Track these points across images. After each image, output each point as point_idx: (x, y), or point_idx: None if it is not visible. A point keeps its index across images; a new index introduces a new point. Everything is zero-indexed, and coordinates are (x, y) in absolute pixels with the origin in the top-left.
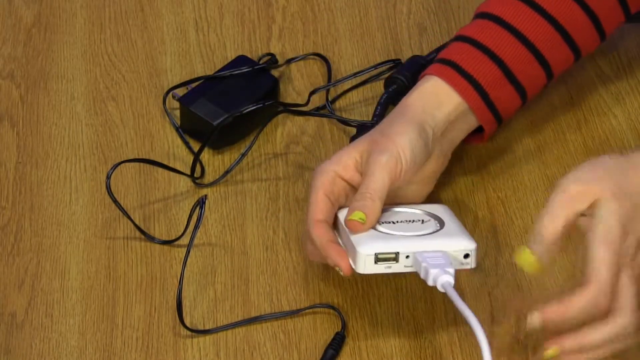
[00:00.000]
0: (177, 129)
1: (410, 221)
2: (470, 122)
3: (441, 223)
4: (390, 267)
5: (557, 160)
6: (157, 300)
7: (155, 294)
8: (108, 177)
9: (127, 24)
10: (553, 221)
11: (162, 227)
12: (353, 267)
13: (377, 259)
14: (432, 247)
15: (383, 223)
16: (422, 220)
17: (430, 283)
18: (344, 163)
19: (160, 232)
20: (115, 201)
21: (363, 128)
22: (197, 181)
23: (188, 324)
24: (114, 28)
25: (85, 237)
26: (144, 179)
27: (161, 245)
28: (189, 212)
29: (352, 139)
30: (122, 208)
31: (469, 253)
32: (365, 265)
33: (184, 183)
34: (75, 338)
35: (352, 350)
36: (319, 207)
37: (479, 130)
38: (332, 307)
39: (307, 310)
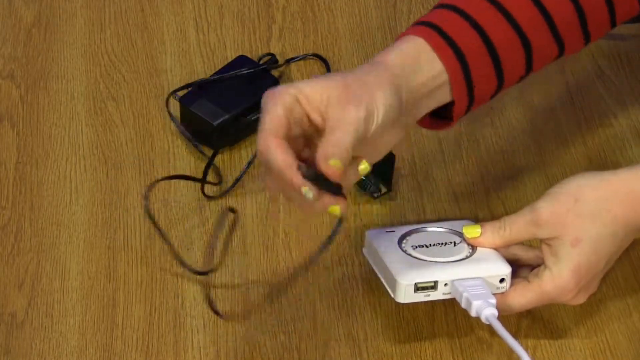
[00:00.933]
0: (187, 137)
1: (442, 244)
2: (440, 100)
3: (472, 245)
4: (429, 295)
5: (557, 160)
6: (157, 300)
7: (155, 294)
8: (145, 198)
9: (127, 24)
10: (509, 237)
11: (162, 227)
12: (392, 295)
13: (417, 288)
14: (469, 274)
15: (417, 247)
16: (454, 243)
17: (473, 314)
18: (306, 94)
19: (160, 232)
20: (155, 225)
21: None
22: (205, 192)
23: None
24: (114, 28)
25: (85, 237)
26: (144, 178)
27: (161, 245)
28: (190, 213)
29: None
30: (162, 231)
31: (505, 278)
32: (405, 295)
33: (184, 183)
34: (75, 338)
35: (352, 350)
36: (280, 123)
37: (440, 117)
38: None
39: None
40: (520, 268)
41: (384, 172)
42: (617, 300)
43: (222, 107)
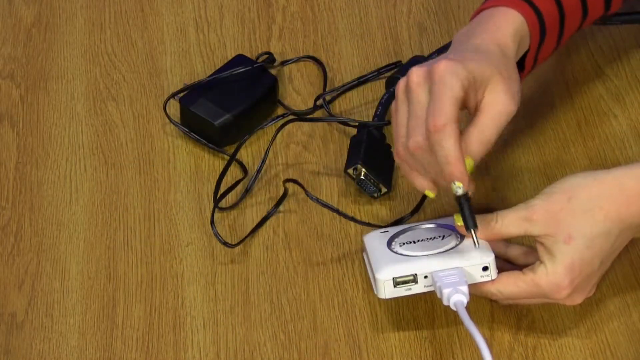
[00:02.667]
0: (194, 138)
1: (430, 239)
2: None
3: (462, 236)
4: (410, 289)
5: (557, 160)
6: (157, 300)
7: (155, 294)
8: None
9: (127, 24)
10: (499, 230)
11: (162, 227)
12: (375, 292)
13: (396, 283)
14: (449, 265)
15: (404, 244)
16: (443, 236)
17: (445, 303)
18: (473, 76)
19: (160, 232)
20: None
21: (364, 127)
22: (218, 205)
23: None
24: (114, 28)
25: (85, 237)
26: (144, 178)
27: (161, 245)
28: (191, 213)
29: (353, 138)
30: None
31: (487, 265)
32: (385, 291)
33: (184, 184)
34: (75, 338)
35: (352, 350)
36: (456, 107)
37: None
38: None
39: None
40: (515, 267)
41: (384, 172)
42: (616, 300)
43: (223, 107)
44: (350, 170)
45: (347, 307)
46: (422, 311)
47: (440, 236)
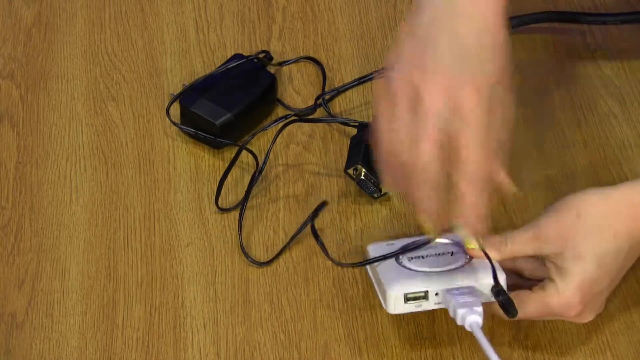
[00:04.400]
0: (200, 138)
1: (439, 254)
2: None
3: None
4: (420, 305)
5: (557, 160)
6: (157, 300)
7: (155, 294)
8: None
9: (127, 24)
10: (509, 253)
11: (162, 227)
12: (384, 306)
13: (407, 299)
14: (462, 283)
15: (413, 259)
16: (452, 252)
17: (459, 322)
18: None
19: (160, 232)
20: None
21: (364, 127)
22: (219, 205)
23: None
24: (114, 28)
25: (85, 237)
26: (144, 178)
27: (161, 245)
28: (191, 213)
29: (353, 138)
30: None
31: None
32: (396, 306)
33: (184, 184)
34: (75, 338)
35: (352, 350)
36: None
37: None
38: None
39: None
40: (524, 280)
41: None
42: (616, 300)
43: (223, 106)
44: (350, 171)
45: (347, 307)
46: (422, 311)
47: (449, 252)
